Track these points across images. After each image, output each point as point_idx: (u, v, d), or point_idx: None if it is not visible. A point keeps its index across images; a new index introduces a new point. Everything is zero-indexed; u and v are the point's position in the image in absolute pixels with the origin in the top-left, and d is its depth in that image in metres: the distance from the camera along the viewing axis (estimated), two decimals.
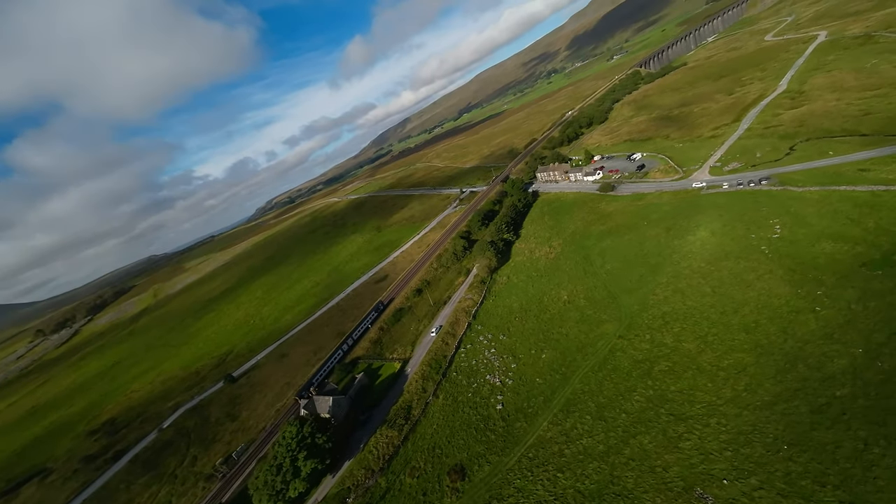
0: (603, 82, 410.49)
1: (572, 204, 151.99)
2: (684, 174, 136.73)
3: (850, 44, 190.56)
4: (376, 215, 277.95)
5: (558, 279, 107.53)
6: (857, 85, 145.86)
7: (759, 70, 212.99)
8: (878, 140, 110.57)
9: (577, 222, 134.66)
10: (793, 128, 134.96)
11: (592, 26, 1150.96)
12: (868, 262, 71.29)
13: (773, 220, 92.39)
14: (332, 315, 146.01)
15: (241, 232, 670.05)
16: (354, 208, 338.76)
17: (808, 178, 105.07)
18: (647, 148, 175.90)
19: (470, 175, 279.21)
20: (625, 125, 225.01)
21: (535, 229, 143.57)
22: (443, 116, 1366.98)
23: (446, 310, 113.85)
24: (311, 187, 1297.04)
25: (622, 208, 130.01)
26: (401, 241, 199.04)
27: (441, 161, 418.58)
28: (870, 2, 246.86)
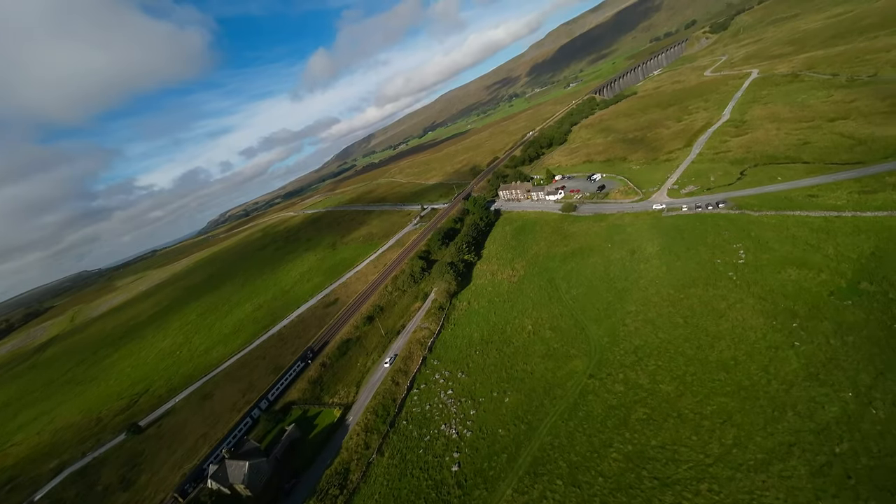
0: (561, 107, 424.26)
1: (535, 223, 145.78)
2: (644, 196, 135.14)
3: (780, 81, 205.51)
4: (333, 231, 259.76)
5: (522, 305, 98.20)
6: (792, 117, 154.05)
7: (702, 101, 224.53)
8: (820, 168, 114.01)
9: (541, 243, 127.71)
10: (741, 154, 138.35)
11: (550, 56, 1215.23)
12: (836, 291, 67.98)
13: (735, 244, 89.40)
14: (271, 346, 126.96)
15: (187, 246, 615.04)
16: (310, 223, 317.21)
17: (762, 202, 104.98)
18: (606, 169, 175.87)
19: (432, 192, 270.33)
20: (583, 147, 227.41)
21: (498, 249, 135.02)
22: (408, 133, 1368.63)
23: (400, 341, 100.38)
24: (270, 200, 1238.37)
25: (585, 229, 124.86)
26: (356, 261, 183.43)
27: (404, 177, 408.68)
28: (790, 47, 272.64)
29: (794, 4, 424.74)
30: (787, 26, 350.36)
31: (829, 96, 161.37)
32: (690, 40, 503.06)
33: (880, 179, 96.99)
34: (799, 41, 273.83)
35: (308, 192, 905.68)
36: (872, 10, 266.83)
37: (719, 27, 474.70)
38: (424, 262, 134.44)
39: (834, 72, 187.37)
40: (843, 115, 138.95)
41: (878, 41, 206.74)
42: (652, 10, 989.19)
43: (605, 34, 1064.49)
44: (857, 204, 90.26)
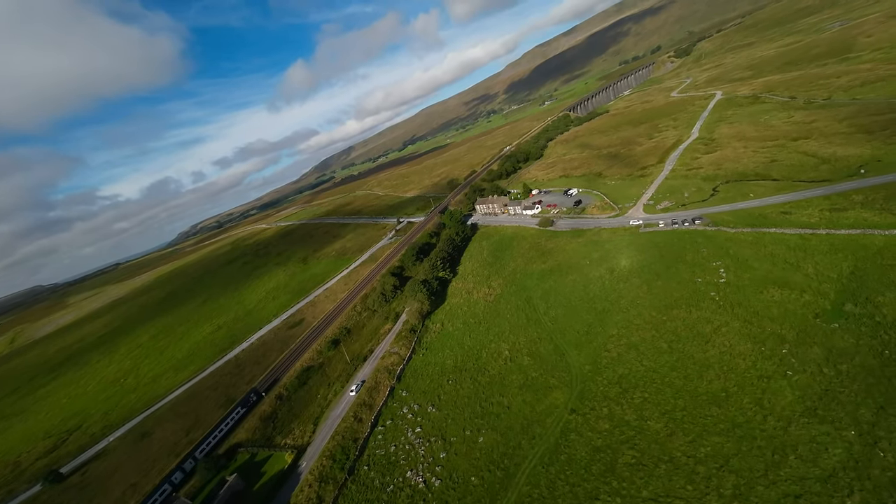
0: (537, 123, 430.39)
1: (512, 238, 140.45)
2: (620, 211, 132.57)
3: (743, 102, 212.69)
4: (305, 245, 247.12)
5: (498, 328, 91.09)
6: (758, 136, 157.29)
7: (671, 119, 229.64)
8: (789, 185, 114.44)
9: (518, 259, 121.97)
10: (712, 170, 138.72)
11: (526, 75, 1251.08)
12: (821, 313, 64.55)
13: (715, 262, 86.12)
14: (226, 373, 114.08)
15: (152, 260, 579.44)
16: (282, 237, 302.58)
17: (737, 219, 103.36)
18: (582, 184, 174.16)
19: (410, 205, 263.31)
20: (559, 162, 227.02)
21: (474, 266, 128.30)
22: (388, 146, 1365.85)
23: (366, 368, 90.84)
24: (245, 212, 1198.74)
25: (562, 245, 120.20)
26: (327, 277, 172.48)
27: (382, 189, 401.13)
28: (749, 71, 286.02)
29: (749, 34, 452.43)
30: (744, 53, 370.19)
31: (789, 117, 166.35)
32: (657, 64, 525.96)
33: (847, 197, 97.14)
34: (756, 66, 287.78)
35: (285, 203, 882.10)
36: (820, 40, 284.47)
37: (683, 52, 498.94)
38: (397, 280, 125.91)
39: (792, 94, 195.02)
40: (805, 135, 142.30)
41: (827, 68, 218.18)
42: (621, 35, 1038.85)
43: (577, 56, 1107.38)
44: (829, 222, 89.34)
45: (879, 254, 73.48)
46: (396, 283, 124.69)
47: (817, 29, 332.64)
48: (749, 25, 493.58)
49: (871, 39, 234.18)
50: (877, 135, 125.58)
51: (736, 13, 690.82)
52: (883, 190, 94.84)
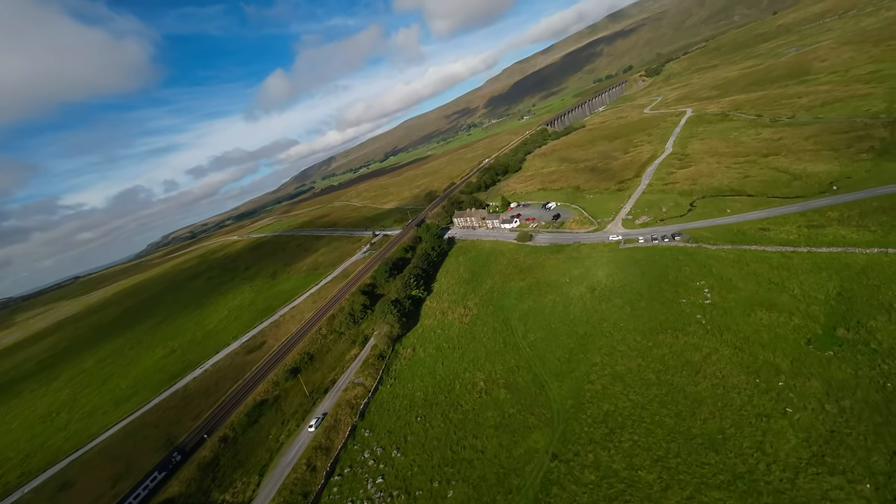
0: (516, 136, 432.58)
1: (490, 254, 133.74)
2: (599, 226, 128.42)
3: (712, 119, 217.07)
4: (276, 259, 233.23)
5: (474, 353, 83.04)
6: (729, 152, 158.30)
7: (645, 135, 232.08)
8: (765, 201, 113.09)
9: (495, 276, 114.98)
10: (688, 185, 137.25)
11: (506, 90, 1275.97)
12: (813, 339, 59.92)
13: (698, 281, 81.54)
14: (171, 407, 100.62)
15: (115, 273, 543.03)
16: (253, 250, 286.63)
17: (716, 235, 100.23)
18: (560, 197, 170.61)
19: (387, 217, 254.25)
20: (538, 174, 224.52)
21: (450, 283, 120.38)
22: (369, 157, 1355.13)
23: (327, 401, 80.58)
24: (220, 222, 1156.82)
25: (541, 261, 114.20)
26: (296, 294, 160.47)
27: (360, 200, 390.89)
28: (716, 91, 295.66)
29: (713, 57, 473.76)
30: (710, 74, 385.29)
31: (758, 134, 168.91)
32: (629, 82, 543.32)
33: (823, 214, 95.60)
34: (722, 87, 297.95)
35: (262, 213, 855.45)
36: (779, 64, 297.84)
37: (653, 72, 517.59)
38: (367, 299, 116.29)
39: (758, 113, 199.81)
40: (775, 152, 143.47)
41: (789, 89, 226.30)
42: (594, 55, 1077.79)
43: (554, 74, 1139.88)
44: (808, 239, 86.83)
45: (863, 273, 70.41)
46: (366, 302, 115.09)
47: (775, 53, 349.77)
48: (713, 49, 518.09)
49: (825, 64, 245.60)
50: (842, 152, 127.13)
51: (700, 38, 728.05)
52: (856, 207, 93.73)
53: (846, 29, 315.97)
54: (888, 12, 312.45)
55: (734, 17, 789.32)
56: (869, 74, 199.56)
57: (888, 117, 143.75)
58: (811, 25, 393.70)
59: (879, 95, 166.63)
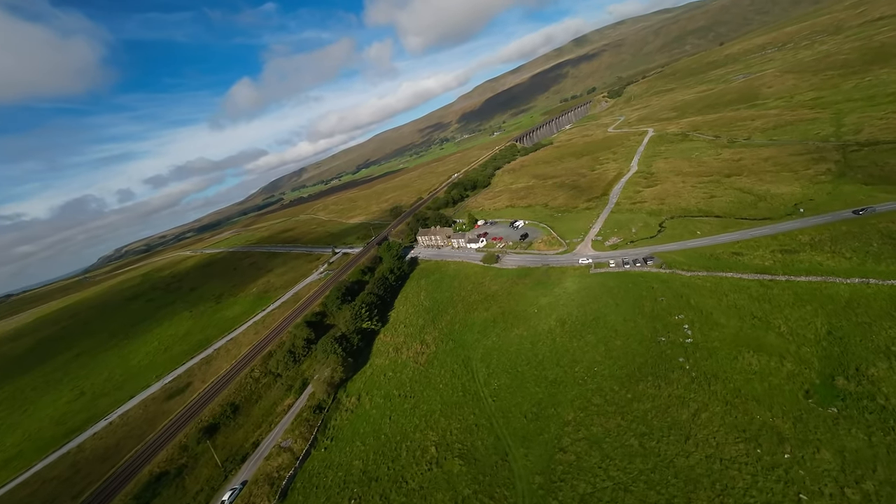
0: (487, 151, 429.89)
1: (454, 277, 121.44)
2: (568, 247, 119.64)
3: (673, 139, 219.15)
4: (225, 280, 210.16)
5: (428, 405, 69.32)
6: (693, 171, 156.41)
7: (611, 153, 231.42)
8: (733, 223, 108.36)
9: (458, 304, 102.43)
10: (656, 205, 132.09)
11: (478, 107, 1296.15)
12: (811, 391, 51.12)
13: (676, 315, 72.55)
14: (52, 478, 79.10)
15: (54, 291, 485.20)
16: (204, 268, 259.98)
17: (690, 260, 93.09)
18: (528, 214, 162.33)
19: (352, 233, 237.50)
20: (506, 190, 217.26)
21: (408, 313, 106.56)
22: (341, 169, 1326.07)
23: (244, 473, 63.78)
24: (180, 234, 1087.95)
25: (508, 287, 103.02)
26: (239, 322, 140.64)
27: (327, 214, 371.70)
28: (674, 112, 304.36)
29: (670, 81, 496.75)
30: (668, 97, 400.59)
31: (718, 154, 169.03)
32: (593, 102, 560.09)
33: (794, 238, 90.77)
34: (680, 108, 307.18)
35: (225, 225, 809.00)
36: (730, 89, 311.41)
37: (615, 94, 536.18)
38: (312, 332, 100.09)
39: (716, 134, 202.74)
40: (737, 172, 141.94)
41: (741, 112, 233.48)
42: (561, 76, 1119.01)
43: (523, 92, 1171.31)
44: (784, 266, 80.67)
45: (850, 307, 63.59)
46: (311, 335, 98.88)
47: (725, 79, 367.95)
48: (668, 74, 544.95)
49: (772, 90, 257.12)
50: (801, 174, 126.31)
51: (656, 64, 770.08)
52: (826, 231, 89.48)
53: (786, 60, 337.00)
54: (821, 46, 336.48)
55: (686, 46, 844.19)
56: (812, 101, 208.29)
57: (837, 141, 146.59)
58: (755, 55, 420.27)
59: (826, 120, 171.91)
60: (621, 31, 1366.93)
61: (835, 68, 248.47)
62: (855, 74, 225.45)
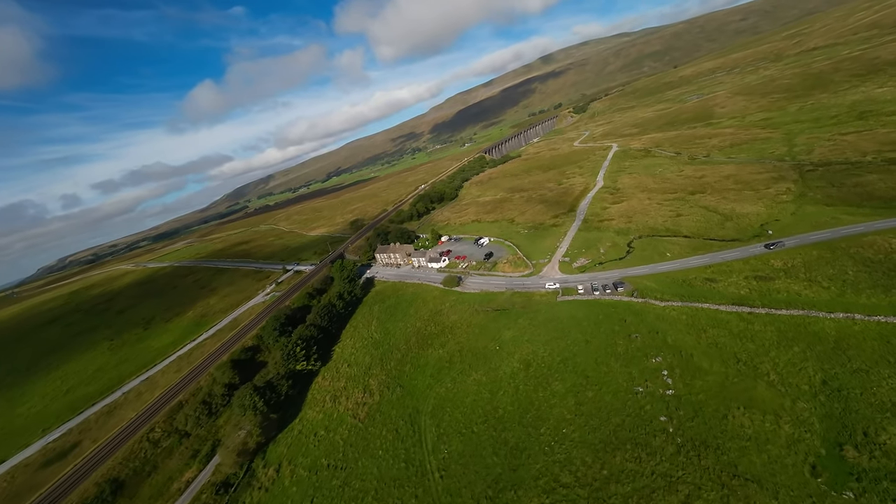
0: (457, 162, 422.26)
1: (410, 302, 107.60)
2: (534, 269, 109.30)
3: (636, 155, 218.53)
4: (162, 300, 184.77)
5: (361, 482, 54.55)
6: (658, 188, 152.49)
7: (577, 167, 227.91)
8: (702, 244, 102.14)
9: (412, 338, 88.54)
10: (623, 223, 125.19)
11: (450, 118, 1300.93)
12: (818, 466, 41.50)
13: (653, 356, 62.54)
14: None
15: None
16: (141, 285, 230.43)
17: (662, 286, 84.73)
18: (494, 231, 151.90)
19: (310, 247, 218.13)
20: (473, 204, 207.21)
21: (355, 347, 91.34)
22: (311, 177, 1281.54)
23: None
24: (133, 243, 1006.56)
25: (468, 318, 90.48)
26: (164, 354, 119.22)
27: (289, 224, 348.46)
28: (636, 129, 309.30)
29: (630, 99, 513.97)
30: (629, 114, 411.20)
31: (680, 171, 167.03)
32: (560, 117, 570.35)
33: (767, 262, 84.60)
34: (641, 125, 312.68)
35: (183, 234, 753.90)
36: (686, 108, 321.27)
37: (580, 110, 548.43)
38: (237, 374, 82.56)
39: (676, 150, 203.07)
40: (701, 190, 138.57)
41: (698, 130, 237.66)
42: (529, 91, 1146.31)
43: (494, 106, 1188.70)
44: (761, 295, 73.41)
45: (840, 349, 55.83)
46: (235, 379, 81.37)
47: (681, 99, 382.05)
48: (629, 92, 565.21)
49: (725, 110, 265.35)
50: (762, 192, 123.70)
51: (617, 83, 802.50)
52: (798, 255, 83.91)
53: (735, 83, 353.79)
54: (765, 71, 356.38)
55: (643, 67, 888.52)
56: (763, 121, 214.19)
57: (792, 160, 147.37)
58: (706, 78, 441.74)
59: (778, 140, 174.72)
60: (585, 51, 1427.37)
61: (780, 92, 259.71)
62: (798, 98, 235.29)
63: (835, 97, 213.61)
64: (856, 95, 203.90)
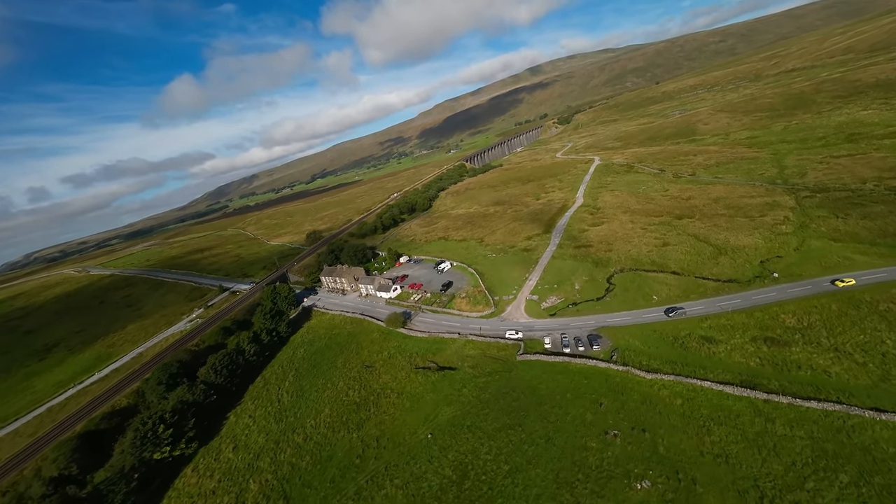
0: (440, 169, 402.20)
1: (342, 348, 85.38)
2: (496, 308, 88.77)
3: (619, 170, 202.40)
4: (81, 320, 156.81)
5: None
6: (641, 209, 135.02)
7: (557, 180, 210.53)
8: (694, 284, 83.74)
9: (324, 409, 66.34)
10: (603, 252, 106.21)
11: (438, 124, 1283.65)
12: None
13: (640, 479, 42.26)
14: None
15: None
16: (65, 299, 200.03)
17: (648, 343, 65.35)
18: (460, 253, 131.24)
19: (263, 261, 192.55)
20: (444, 218, 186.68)
21: (253, 417, 68.44)
22: (296, 178, 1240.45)
23: None
24: (104, 240, 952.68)
25: (403, 380, 68.97)
26: (43, 399, 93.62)
27: (256, 229, 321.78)
28: (619, 142, 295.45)
29: (613, 113, 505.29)
30: (612, 127, 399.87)
31: (665, 190, 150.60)
32: (544, 127, 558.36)
33: (775, 317, 66.30)
34: (624, 138, 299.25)
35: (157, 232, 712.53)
36: (669, 123, 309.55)
37: (564, 121, 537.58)
38: (73, 464, 58.46)
39: (660, 167, 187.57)
40: (689, 214, 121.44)
41: (682, 146, 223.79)
42: (517, 101, 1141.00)
43: (481, 114, 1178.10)
44: (777, 370, 54.60)
45: None
46: (72, 469, 57.40)
47: (663, 114, 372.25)
48: (612, 106, 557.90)
49: (708, 126, 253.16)
50: (758, 221, 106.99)
51: (601, 96, 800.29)
52: (814, 308, 65.81)
53: (716, 100, 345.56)
54: (745, 90, 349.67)
55: (626, 83, 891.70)
56: (748, 139, 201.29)
57: (785, 184, 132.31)
58: (688, 94, 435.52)
59: (766, 160, 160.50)
60: (572, 64, 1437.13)
61: (762, 110, 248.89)
62: (782, 117, 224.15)
63: (819, 118, 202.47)
64: (841, 117, 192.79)
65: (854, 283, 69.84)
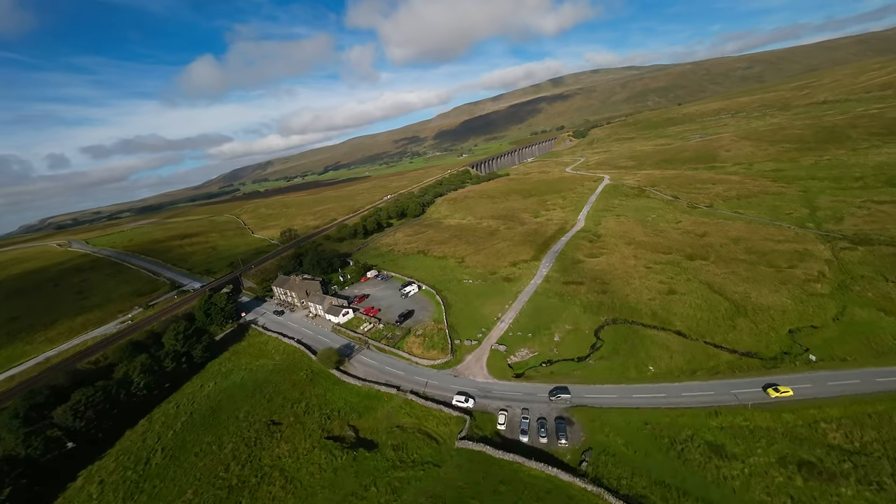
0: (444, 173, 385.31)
1: (252, 392, 68.27)
2: (453, 356, 70.91)
3: (629, 192, 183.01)
4: (25, 306, 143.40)
5: None
6: (648, 242, 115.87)
7: (560, 197, 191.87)
8: (704, 354, 65.03)
9: (197, 486, 49.33)
10: (595, 292, 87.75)
11: (454, 127, 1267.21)
12: None
13: None
14: None
15: None
16: (18, 280, 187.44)
17: (634, 440, 47.39)
18: (434, 273, 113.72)
19: (236, 256, 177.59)
20: (432, 228, 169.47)
21: (100, 487, 51.71)
22: (308, 168, 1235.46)
23: None
24: (115, 212, 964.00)
25: (304, 460, 51.38)
26: None
27: (249, 218, 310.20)
28: (633, 161, 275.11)
29: (631, 130, 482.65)
30: (627, 145, 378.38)
31: (677, 222, 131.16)
32: (559, 139, 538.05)
33: (813, 425, 47.69)
34: (638, 158, 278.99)
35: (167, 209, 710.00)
36: (688, 146, 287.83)
37: (580, 134, 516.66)
38: None
39: (674, 194, 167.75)
40: (702, 255, 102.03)
41: (700, 173, 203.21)
42: (536, 111, 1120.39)
43: (499, 120, 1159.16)
44: None
45: None
46: None
47: (682, 137, 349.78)
48: (630, 123, 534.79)
49: (730, 153, 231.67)
50: (786, 273, 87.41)
51: (620, 113, 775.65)
52: (865, 414, 47.01)
53: (740, 126, 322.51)
54: (772, 119, 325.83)
55: (648, 101, 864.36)
56: (773, 172, 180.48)
57: (817, 228, 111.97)
58: (710, 119, 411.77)
59: (794, 198, 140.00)
60: (594, 78, 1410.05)
61: (790, 142, 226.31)
62: (812, 151, 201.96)
63: (855, 155, 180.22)
64: (880, 157, 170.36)
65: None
